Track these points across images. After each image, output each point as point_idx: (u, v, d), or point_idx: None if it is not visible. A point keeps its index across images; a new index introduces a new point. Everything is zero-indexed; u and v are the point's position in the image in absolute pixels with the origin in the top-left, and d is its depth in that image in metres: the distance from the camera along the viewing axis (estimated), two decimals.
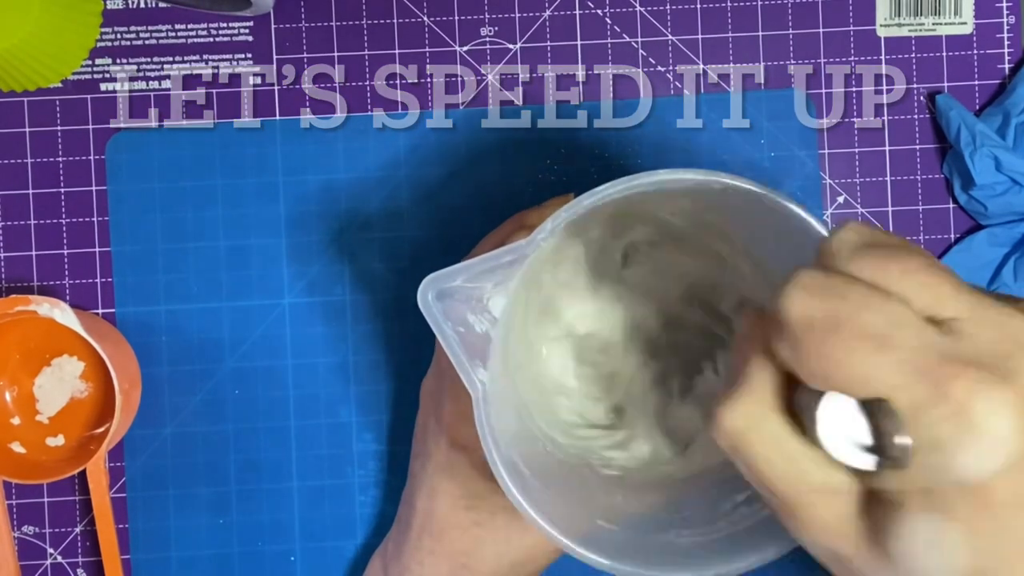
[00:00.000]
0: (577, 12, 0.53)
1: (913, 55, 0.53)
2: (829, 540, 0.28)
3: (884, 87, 0.53)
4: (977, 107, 0.53)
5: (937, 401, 0.25)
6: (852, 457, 0.27)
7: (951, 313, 0.27)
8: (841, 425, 0.27)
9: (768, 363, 0.29)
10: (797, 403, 0.29)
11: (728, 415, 0.29)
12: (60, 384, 0.52)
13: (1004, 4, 0.53)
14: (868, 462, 0.27)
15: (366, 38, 0.53)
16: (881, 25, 0.53)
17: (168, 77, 0.53)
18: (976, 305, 0.27)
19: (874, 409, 0.27)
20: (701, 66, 0.53)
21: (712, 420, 0.29)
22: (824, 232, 0.36)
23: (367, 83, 0.53)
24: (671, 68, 0.53)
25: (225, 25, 0.53)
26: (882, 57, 0.53)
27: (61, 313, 0.47)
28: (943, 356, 0.26)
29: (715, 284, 0.46)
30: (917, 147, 0.53)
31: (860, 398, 0.27)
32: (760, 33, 0.53)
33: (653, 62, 0.53)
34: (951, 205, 0.54)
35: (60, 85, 0.52)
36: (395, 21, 0.53)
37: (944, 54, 0.53)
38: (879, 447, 0.27)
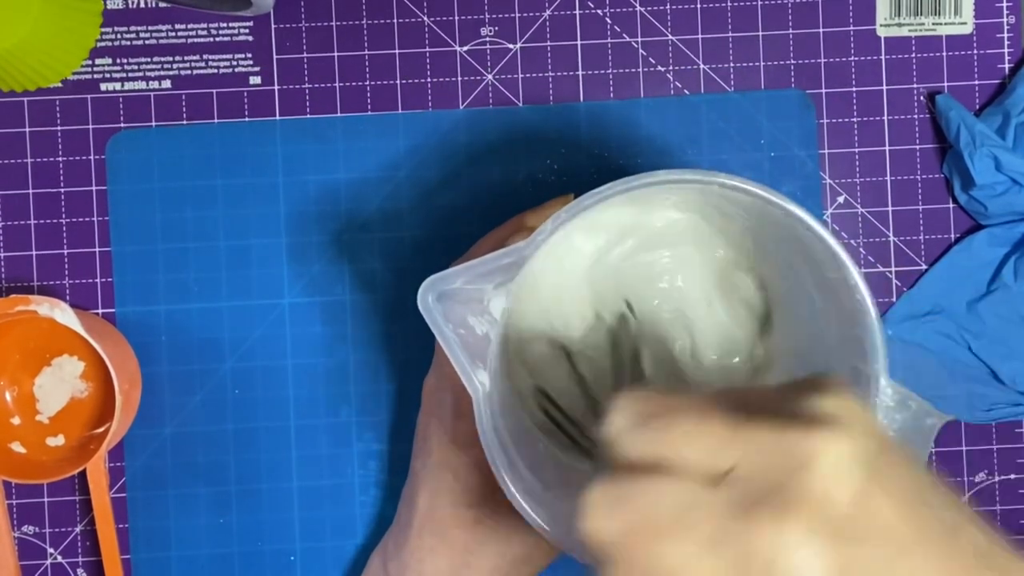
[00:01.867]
0: (577, 12, 0.53)
1: (913, 55, 0.53)
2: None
3: (884, 87, 0.53)
4: (977, 107, 0.53)
5: (748, 563, 0.26)
6: None
7: (730, 462, 0.28)
8: None
9: None
10: None
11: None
12: (60, 384, 0.52)
13: (1004, 4, 0.53)
14: None
15: (366, 38, 0.53)
16: (881, 25, 0.53)
17: (168, 77, 0.53)
18: (746, 444, 0.28)
19: None
20: (701, 66, 0.53)
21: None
22: (825, 235, 0.37)
23: (367, 83, 0.53)
24: (671, 68, 0.53)
25: (225, 25, 0.53)
26: (882, 57, 0.53)
27: (61, 313, 0.47)
28: (735, 514, 0.27)
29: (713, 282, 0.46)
30: (917, 147, 0.54)
31: None
32: (760, 33, 0.53)
33: (653, 62, 0.53)
34: (951, 205, 0.54)
35: (60, 85, 0.52)
36: (395, 21, 0.53)
37: (944, 54, 0.53)
38: None
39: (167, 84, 0.53)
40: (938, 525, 0.28)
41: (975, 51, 0.53)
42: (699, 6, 0.53)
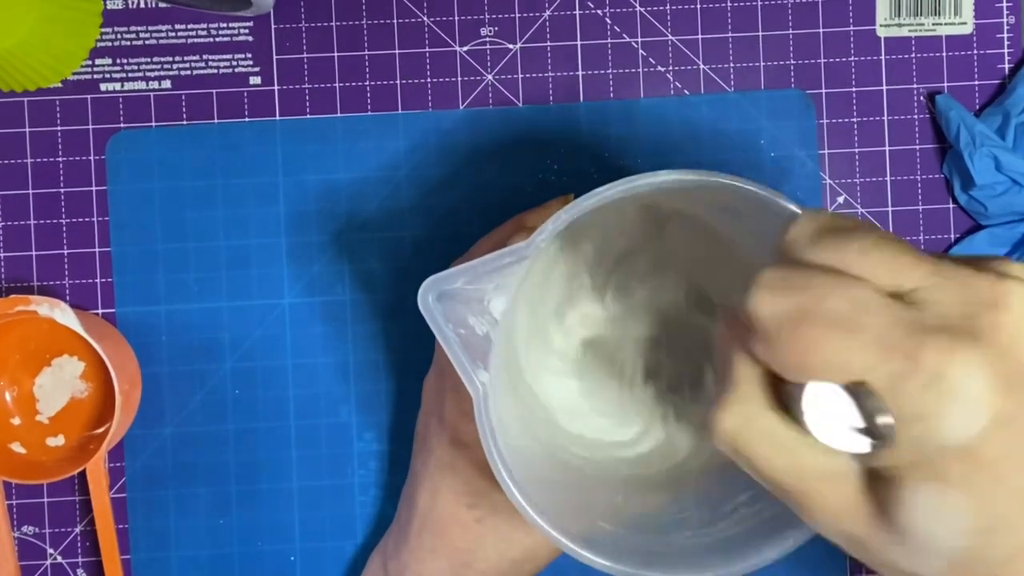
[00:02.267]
0: (577, 12, 0.53)
1: (913, 55, 0.53)
2: (840, 524, 0.29)
3: (884, 87, 0.53)
4: (977, 107, 0.53)
5: (911, 373, 0.26)
6: (842, 442, 0.28)
7: (912, 284, 0.27)
8: (828, 411, 0.28)
9: (750, 362, 0.29)
10: (785, 396, 0.29)
11: (721, 420, 0.30)
12: (60, 384, 0.52)
13: (1004, 4, 0.53)
14: (859, 444, 0.28)
15: (366, 38, 0.53)
16: (881, 25, 0.53)
17: (168, 77, 0.53)
18: (935, 272, 0.27)
19: (857, 391, 0.27)
20: (701, 66, 0.53)
21: (709, 427, 0.30)
22: None
23: (367, 83, 0.53)
24: (671, 68, 0.53)
25: (225, 25, 0.53)
26: (882, 57, 0.53)
27: (61, 313, 0.47)
28: (910, 328, 0.26)
29: (715, 282, 0.46)
30: (917, 147, 0.54)
31: (840, 383, 0.27)
32: (760, 33, 0.53)
33: (653, 62, 0.53)
34: (951, 205, 0.54)
35: (60, 85, 0.52)
36: (395, 21, 0.53)
37: (944, 54, 0.53)
38: (868, 427, 0.27)
39: (167, 84, 0.53)
40: None
41: (975, 51, 0.53)
42: (699, 6, 0.53)
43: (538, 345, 0.47)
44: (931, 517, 0.27)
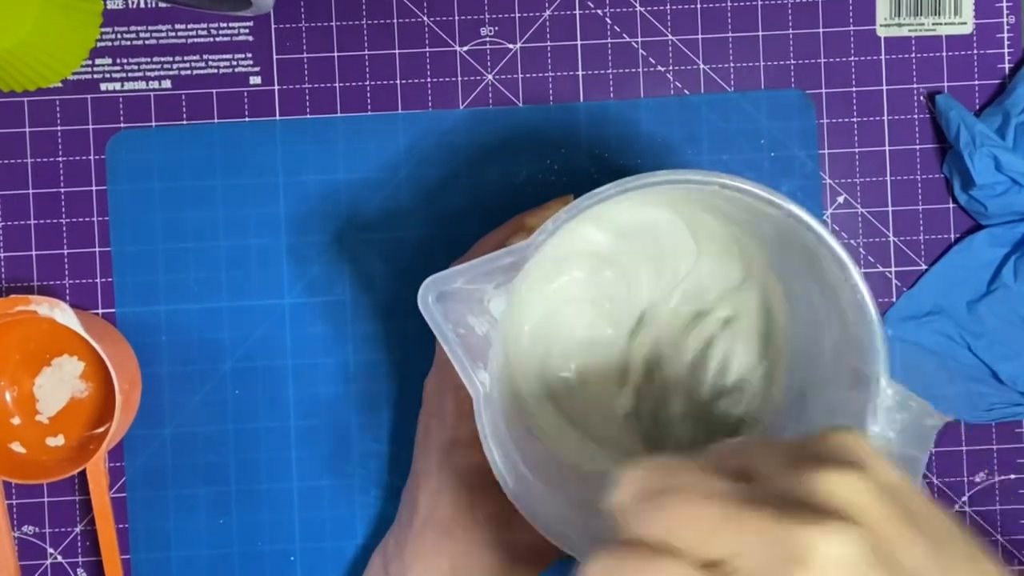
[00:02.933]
0: (577, 12, 0.53)
1: (913, 55, 0.53)
2: None
3: (884, 87, 0.53)
4: (977, 107, 0.53)
5: None
6: None
7: (719, 553, 0.27)
8: None
9: None
10: None
11: None
12: (60, 384, 0.52)
13: (1004, 4, 0.53)
14: None
15: (366, 38, 0.53)
16: (881, 25, 0.53)
17: (168, 77, 0.53)
18: (739, 535, 0.27)
19: None
20: (701, 66, 0.53)
21: None
22: (825, 235, 0.37)
23: (367, 83, 0.53)
24: (671, 68, 0.53)
25: (225, 25, 0.53)
26: (882, 57, 0.53)
27: (61, 313, 0.47)
28: None
29: (707, 285, 0.46)
30: (917, 147, 0.54)
31: None
32: (760, 33, 0.53)
33: (653, 62, 0.53)
34: (951, 205, 0.54)
35: (60, 85, 0.52)
36: (395, 21, 0.53)
37: (944, 54, 0.53)
38: None
39: (167, 84, 0.53)
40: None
41: (975, 51, 0.53)
42: (699, 6, 0.53)
43: (538, 345, 0.47)
44: None
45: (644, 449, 0.46)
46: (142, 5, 0.52)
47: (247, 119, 0.53)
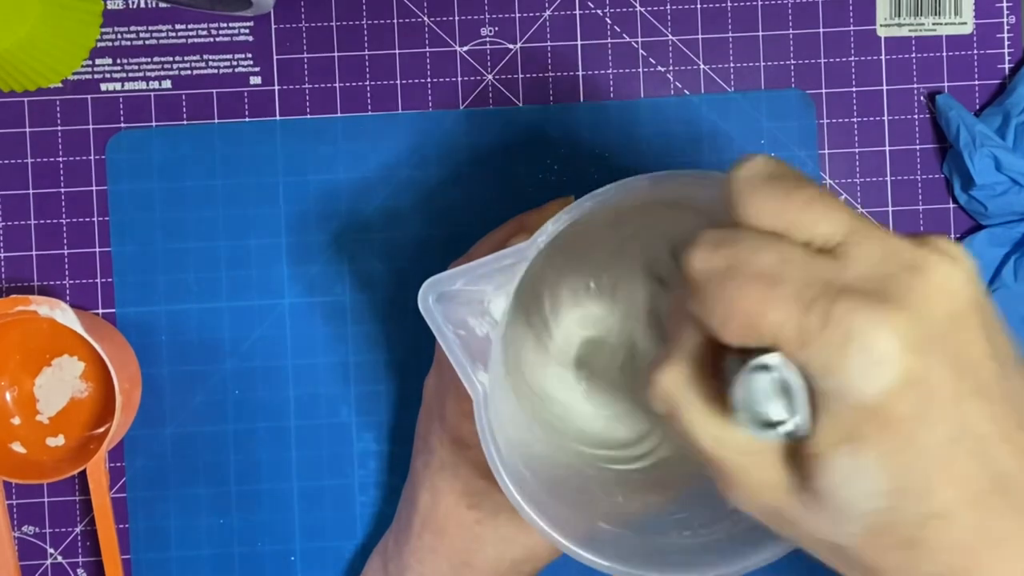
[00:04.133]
0: (577, 12, 0.53)
1: (913, 55, 0.53)
2: (761, 496, 0.30)
3: (884, 87, 0.53)
4: (977, 107, 0.53)
5: (822, 328, 0.26)
6: (760, 431, 0.28)
7: (842, 236, 0.28)
8: (756, 396, 0.28)
9: (693, 328, 0.30)
10: (725, 370, 0.29)
11: (658, 379, 0.30)
12: (60, 384, 0.52)
13: (1004, 4, 0.53)
14: (774, 436, 0.28)
15: (366, 38, 0.53)
16: (881, 25, 0.53)
17: (168, 77, 0.53)
18: (861, 229, 0.28)
19: (787, 383, 0.27)
20: (701, 66, 0.53)
21: (647, 384, 0.31)
22: None
23: (367, 83, 0.53)
24: (671, 68, 0.53)
25: (225, 25, 0.53)
26: (882, 57, 0.53)
27: (61, 313, 0.47)
28: (827, 286, 0.27)
29: None
30: (917, 147, 0.54)
31: (759, 344, 0.27)
32: (760, 33, 0.53)
33: (653, 62, 0.53)
34: (951, 205, 0.54)
35: (60, 85, 0.52)
36: (395, 21, 0.53)
37: (944, 54, 0.53)
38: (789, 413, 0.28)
39: (167, 84, 0.53)
40: (1015, 384, 0.28)
41: (975, 51, 0.53)
42: (699, 6, 0.53)
43: (538, 346, 0.47)
44: (846, 479, 0.27)
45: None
46: (142, 5, 0.52)
47: (247, 119, 0.53)
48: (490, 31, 0.53)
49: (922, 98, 0.53)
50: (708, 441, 0.30)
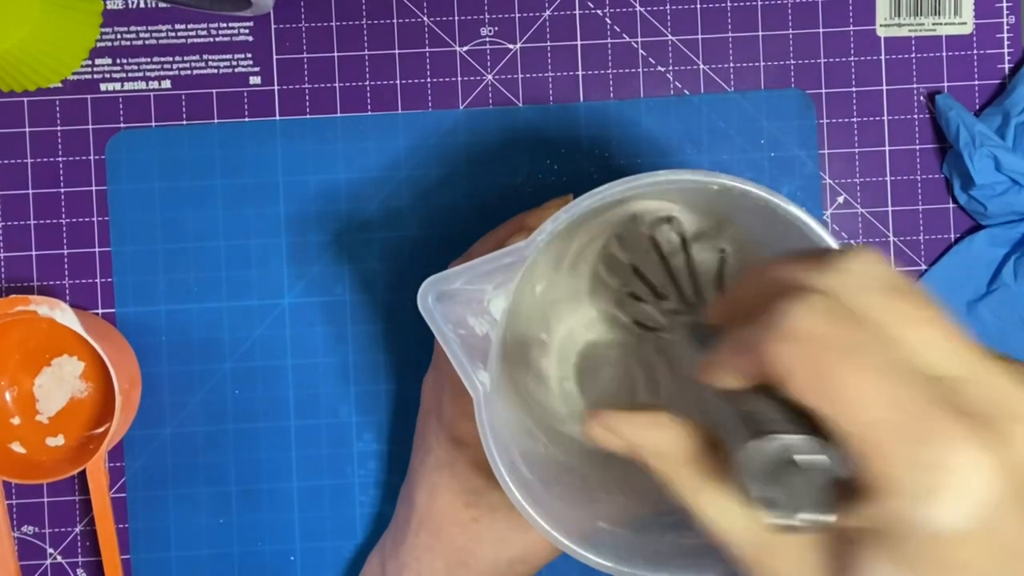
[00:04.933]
0: (577, 12, 0.53)
1: (913, 55, 0.53)
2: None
3: (884, 87, 0.53)
4: (977, 107, 0.53)
5: (920, 446, 0.25)
6: (792, 517, 0.26)
7: (955, 371, 0.27)
8: (782, 484, 0.26)
9: (690, 423, 0.29)
10: (734, 463, 0.27)
11: (661, 464, 0.30)
12: (60, 384, 0.52)
13: (1004, 4, 0.53)
14: (808, 518, 0.26)
15: (366, 38, 0.53)
16: (881, 25, 0.53)
17: (168, 77, 0.53)
18: (978, 365, 0.27)
19: (812, 463, 0.26)
20: (701, 66, 0.53)
21: (666, 482, 0.30)
22: (825, 235, 0.36)
23: (367, 83, 0.53)
24: (671, 68, 0.53)
25: (225, 25, 0.53)
26: (882, 57, 0.53)
27: (61, 313, 0.47)
28: (935, 401, 0.25)
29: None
30: (917, 147, 0.54)
31: (840, 429, 0.26)
32: (760, 33, 0.53)
33: (653, 62, 0.53)
34: (951, 205, 0.54)
35: (60, 85, 0.52)
36: (395, 21, 0.53)
37: (944, 54, 0.53)
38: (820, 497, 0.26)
39: (167, 84, 0.53)
40: None
41: (975, 51, 0.53)
42: (699, 6, 0.53)
43: (537, 345, 0.47)
44: None
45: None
46: (142, 5, 0.52)
47: (247, 119, 0.53)
48: (490, 31, 0.53)
49: (922, 98, 0.53)
50: (734, 542, 0.28)
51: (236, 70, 0.53)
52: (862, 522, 0.26)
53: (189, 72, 0.53)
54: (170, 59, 0.53)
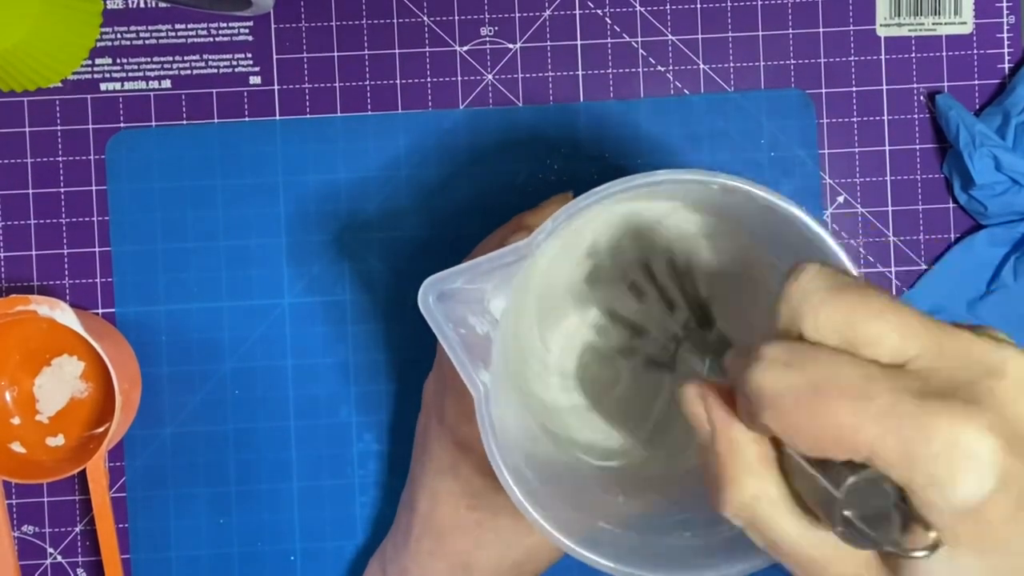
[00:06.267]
0: (577, 12, 0.53)
1: (913, 55, 0.53)
2: None
3: (884, 87, 0.53)
4: (977, 107, 0.53)
5: (924, 441, 0.26)
6: (860, 542, 0.28)
7: (916, 350, 0.28)
8: (867, 512, 0.28)
9: (754, 436, 0.30)
10: (792, 474, 0.29)
11: (736, 494, 0.30)
12: (60, 384, 0.52)
13: (1004, 4, 0.53)
14: (871, 546, 0.28)
15: (366, 38, 0.53)
16: (881, 25, 0.53)
17: (168, 77, 0.53)
18: (938, 338, 0.28)
19: (889, 498, 0.27)
20: (701, 66, 0.53)
21: (720, 502, 0.31)
22: (824, 234, 0.36)
23: (367, 83, 0.53)
24: (671, 68, 0.53)
25: (225, 25, 0.53)
26: (882, 57, 0.53)
27: (61, 313, 0.47)
28: (917, 397, 0.27)
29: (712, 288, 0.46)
30: (917, 147, 0.54)
31: (850, 458, 0.27)
32: (760, 33, 0.53)
33: (653, 62, 0.53)
34: (951, 205, 0.54)
35: (60, 85, 0.52)
36: (395, 21, 0.53)
37: (944, 54, 0.53)
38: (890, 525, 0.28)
39: (167, 84, 0.53)
40: None
41: (975, 51, 0.53)
42: (699, 6, 0.53)
43: (538, 345, 0.47)
44: None
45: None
46: (142, 5, 0.52)
47: (247, 119, 0.53)
48: (490, 31, 0.53)
49: (922, 98, 0.53)
50: (793, 542, 0.30)
51: (236, 70, 0.53)
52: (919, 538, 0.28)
53: (189, 72, 0.53)
54: (170, 59, 0.53)
